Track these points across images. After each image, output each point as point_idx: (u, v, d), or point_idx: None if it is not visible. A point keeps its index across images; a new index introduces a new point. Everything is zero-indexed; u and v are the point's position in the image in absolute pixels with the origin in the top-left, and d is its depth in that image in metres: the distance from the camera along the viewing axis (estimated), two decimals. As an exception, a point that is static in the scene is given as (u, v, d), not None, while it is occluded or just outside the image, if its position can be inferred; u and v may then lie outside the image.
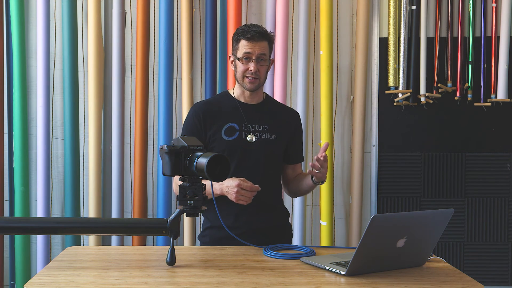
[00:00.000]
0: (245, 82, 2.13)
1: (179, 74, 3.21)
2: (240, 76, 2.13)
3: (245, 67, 2.11)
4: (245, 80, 2.13)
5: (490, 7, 3.22)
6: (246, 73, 2.12)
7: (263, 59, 2.12)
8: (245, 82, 2.13)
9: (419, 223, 1.66)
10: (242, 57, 2.10)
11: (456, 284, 1.59)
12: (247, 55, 2.10)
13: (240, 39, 2.12)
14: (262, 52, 2.11)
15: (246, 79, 2.12)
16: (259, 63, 2.11)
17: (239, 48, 2.12)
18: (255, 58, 2.10)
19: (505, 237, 3.27)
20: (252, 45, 2.10)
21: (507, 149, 3.26)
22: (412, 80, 3.21)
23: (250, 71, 2.10)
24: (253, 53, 2.10)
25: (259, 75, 2.12)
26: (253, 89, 2.15)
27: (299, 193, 2.30)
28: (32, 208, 3.19)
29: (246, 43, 2.10)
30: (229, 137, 2.14)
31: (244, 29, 2.12)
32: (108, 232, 1.95)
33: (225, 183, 2.02)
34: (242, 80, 2.13)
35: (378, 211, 3.22)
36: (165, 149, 1.72)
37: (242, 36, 2.11)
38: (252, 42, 2.10)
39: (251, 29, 2.11)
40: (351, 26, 3.28)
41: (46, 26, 3.09)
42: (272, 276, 1.64)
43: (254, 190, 1.98)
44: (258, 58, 2.11)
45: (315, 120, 3.27)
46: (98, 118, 3.11)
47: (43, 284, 1.55)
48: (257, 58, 2.10)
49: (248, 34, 2.10)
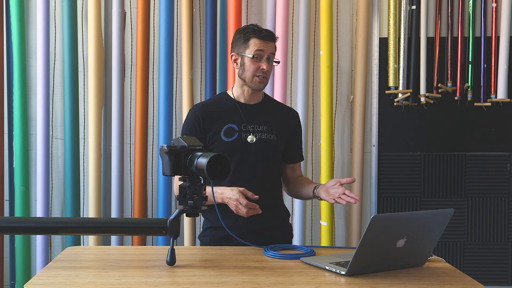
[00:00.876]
0: (255, 81, 2.12)
1: (179, 74, 3.21)
2: (250, 75, 2.11)
3: (256, 65, 2.10)
4: (255, 79, 2.11)
5: (490, 7, 3.22)
6: (257, 71, 2.10)
7: (272, 59, 2.13)
8: (255, 81, 2.12)
9: (419, 223, 1.66)
10: (254, 55, 2.09)
11: (456, 284, 1.59)
12: (260, 53, 2.09)
13: (251, 37, 2.10)
14: (272, 51, 2.12)
15: (257, 78, 2.11)
16: (268, 62, 2.11)
17: (250, 46, 2.10)
18: (267, 57, 2.10)
19: (505, 237, 3.27)
20: (265, 44, 2.10)
21: (507, 149, 3.26)
22: (412, 80, 3.21)
23: (262, 70, 2.10)
24: (265, 51, 2.10)
25: (267, 75, 2.13)
26: (261, 88, 2.15)
27: (298, 197, 2.31)
28: (32, 208, 3.19)
29: (259, 42, 2.09)
30: (229, 138, 2.13)
31: (255, 28, 2.12)
32: (108, 232, 1.95)
33: (225, 193, 2.02)
34: (252, 79, 2.11)
35: (378, 211, 3.22)
36: (165, 149, 1.72)
37: (254, 34, 2.10)
38: (265, 41, 2.10)
39: (261, 29, 2.12)
40: (351, 26, 3.28)
41: (46, 26, 3.09)
42: (272, 276, 1.64)
43: (251, 206, 1.98)
44: (268, 58, 2.11)
45: (315, 120, 3.27)
46: (98, 118, 3.11)
47: (43, 284, 1.55)
48: (268, 57, 2.11)
49: (260, 33, 2.10)
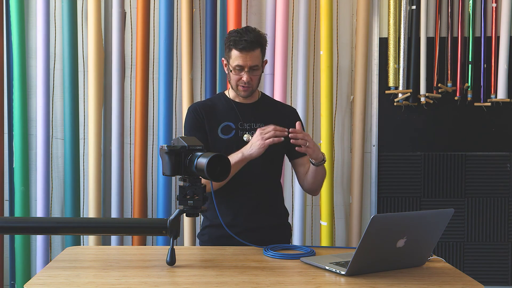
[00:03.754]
0: (239, 90, 2.13)
1: (179, 74, 3.21)
2: (234, 83, 2.13)
3: (237, 77, 2.10)
4: (239, 88, 2.13)
5: (490, 7, 3.22)
6: (239, 82, 2.11)
7: (255, 69, 2.10)
8: (239, 90, 2.14)
9: (419, 223, 1.66)
10: (234, 67, 2.09)
11: (456, 284, 1.59)
12: (239, 67, 2.08)
13: (232, 48, 2.08)
14: (254, 63, 2.08)
15: (240, 87, 2.13)
16: (251, 73, 2.10)
17: (231, 57, 2.09)
18: (247, 69, 2.09)
19: (505, 237, 3.27)
20: (244, 57, 2.06)
21: (507, 149, 3.26)
22: (412, 80, 3.21)
23: (243, 81, 2.10)
24: (245, 65, 2.07)
25: (252, 84, 2.12)
26: (247, 96, 2.16)
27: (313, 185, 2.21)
28: (32, 208, 3.19)
29: (238, 54, 2.07)
30: (226, 135, 2.14)
31: (236, 38, 2.07)
32: (108, 232, 1.95)
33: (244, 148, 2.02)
34: (236, 87, 2.14)
35: (378, 211, 3.22)
36: (165, 149, 1.72)
37: (234, 46, 2.07)
38: (244, 53, 2.06)
39: (242, 38, 2.06)
40: (351, 26, 3.27)
41: (46, 26, 3.09)
42: (272, 276, 1.64)
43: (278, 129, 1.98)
44: (250, 69, 2.09)
45: (315, 120, 3.27)
46: (98, 118, 3.10)
47: (43, 284, 1.55)
48: (249, 69, 2.09)
49: (239, 44, 2.05)
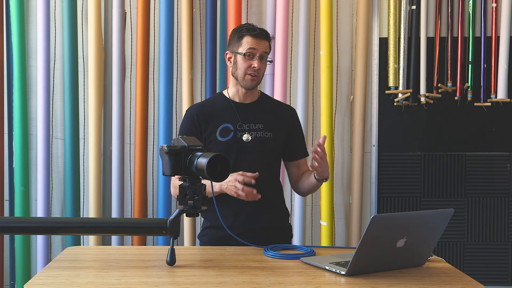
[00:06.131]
0: (246, 79, 2.12)
1: (179, 74, 3.21)
2: (242, 72, 2.12)
3: (248, 63, 2.11)
4: (247, 77, 2.12)
5: (490, 7, 3.22)
6: (248, 70, 2.11)
7: (265, 57, 2.14)
8: (246, 79, 2.12)
9: (419, 223, 1.66)
10: (246, 53, 2.10)
11: (456, 284, 1.59)
12: (252, 51, 2.10)
13: (244, 35, 2.12)
14: (265, 50, 2.13)
15: (248, 76, 2.12)
16: (261, 61, 2.12)
17: (242, 44, 2.12)
18: (259, 55, 2.11)
19: (505, 237, 3.27)
20: (258, 42, 2.11)
21: (507, 149, 3.26)
22: (412, 80, 3.21)
23: (253, 68, 2.10)
24: (258, 49, 2.11)
25: (259, 74, 2.13)
26: (253, 87, 2.15)
27: (307, 191, 2.26)
28: (32, 208, 3.19)
29: (252, 40, 2.11)
30: (224, 137, 2.14)
31: (249, 26, 2.13)
32: (108, 232, 1.95)
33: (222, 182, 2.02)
34: (243, 76, 2.12)
35: (378, 211, 3.22)
36: (165, 149, 1.72)
37: (247, 32, 2.11)
38: (258, 39, 2.11)
39: (255, 27, 2.13)
40: (351, 26, 3.28)
41: (46, 26, 3.09)
42: (272, 276, 1.64)
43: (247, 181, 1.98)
44: (261, 56, 2.12)
45: (315, 120, 3.27)
46: (98, 118, 3.11)
47: (43, 284, 1.55)
48: (260, 55, 2.11)
49: (253, 31, 2.11)
